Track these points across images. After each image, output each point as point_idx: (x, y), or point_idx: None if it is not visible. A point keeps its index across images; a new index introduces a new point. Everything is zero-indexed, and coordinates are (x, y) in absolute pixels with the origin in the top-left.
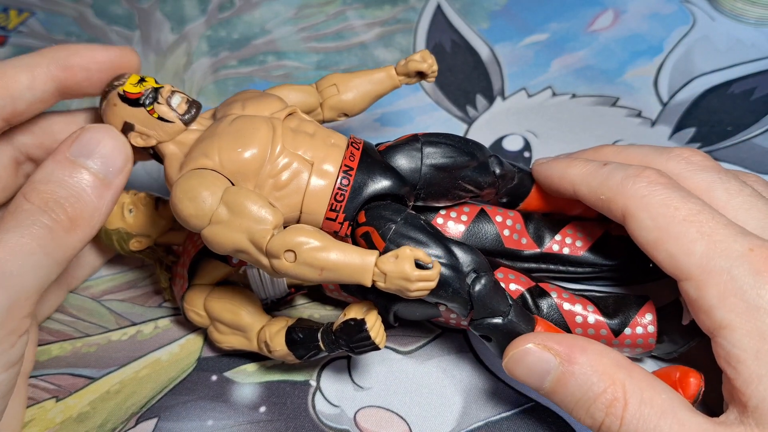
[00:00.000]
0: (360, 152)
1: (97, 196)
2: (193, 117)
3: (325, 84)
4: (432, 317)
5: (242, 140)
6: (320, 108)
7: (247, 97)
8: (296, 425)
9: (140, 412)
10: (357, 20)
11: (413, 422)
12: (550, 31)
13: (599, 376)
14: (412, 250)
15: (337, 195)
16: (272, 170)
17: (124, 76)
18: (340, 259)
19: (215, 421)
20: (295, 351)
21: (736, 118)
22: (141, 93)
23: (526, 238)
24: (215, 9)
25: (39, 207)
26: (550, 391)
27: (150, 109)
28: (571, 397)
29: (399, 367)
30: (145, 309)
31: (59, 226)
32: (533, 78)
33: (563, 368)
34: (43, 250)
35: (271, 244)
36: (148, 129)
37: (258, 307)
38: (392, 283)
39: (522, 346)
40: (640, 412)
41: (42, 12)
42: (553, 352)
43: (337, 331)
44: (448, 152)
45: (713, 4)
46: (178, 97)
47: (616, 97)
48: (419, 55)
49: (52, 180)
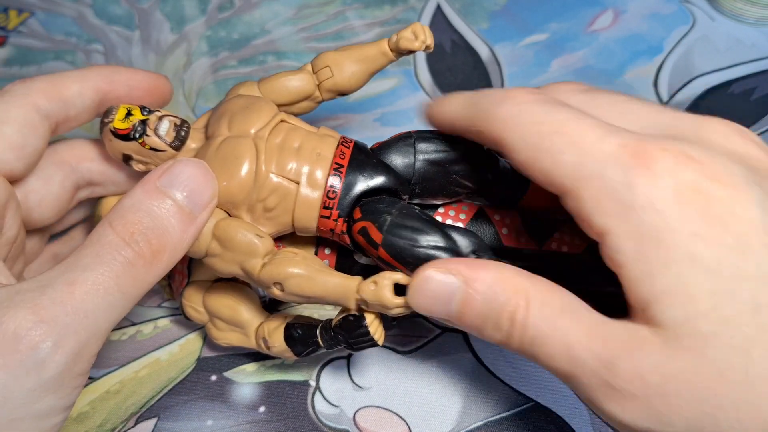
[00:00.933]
0: (351, 150)
1: (182, 229)
2: (182, 141)
3: (319, 65)
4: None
5: (227, 172)
6: (317, 90)
7: (234, 111)
8: (296, 425)
9: (140, 412)
10: (357, 20)
11: (413, 422)
12: (550, 31)
13: (502, 287)
14: (391, 275)
15: (329, 193)
16: (259, 195)
17: (111, 112)
18: (324, 288)
19: (215, 421)
20: (294, 347)
21: (737, 118)
22: (129, 128)
23: (524, 236)
24: (215, 9)
25: (123, 239)
26: (458, 316)
27: (141, 142)
28: (479, 314)
29: (398, 367)
30: (144, 309)
31: (141, 260)
32: (533, 78)
33: (466, 287)
34: (121, 289)
35: (260, 275)
36: (145, 158)
37: (257, 304)
38: (373, 308)
39: (422, 273)
40: (541, 313)
41: (42, 12)
42: (454, 272)
43: (336, 327)
44: (442, 146)
45: (713, 4)
46: (165, 124)
47: None
48: (410, 30)
49: (141, 209)
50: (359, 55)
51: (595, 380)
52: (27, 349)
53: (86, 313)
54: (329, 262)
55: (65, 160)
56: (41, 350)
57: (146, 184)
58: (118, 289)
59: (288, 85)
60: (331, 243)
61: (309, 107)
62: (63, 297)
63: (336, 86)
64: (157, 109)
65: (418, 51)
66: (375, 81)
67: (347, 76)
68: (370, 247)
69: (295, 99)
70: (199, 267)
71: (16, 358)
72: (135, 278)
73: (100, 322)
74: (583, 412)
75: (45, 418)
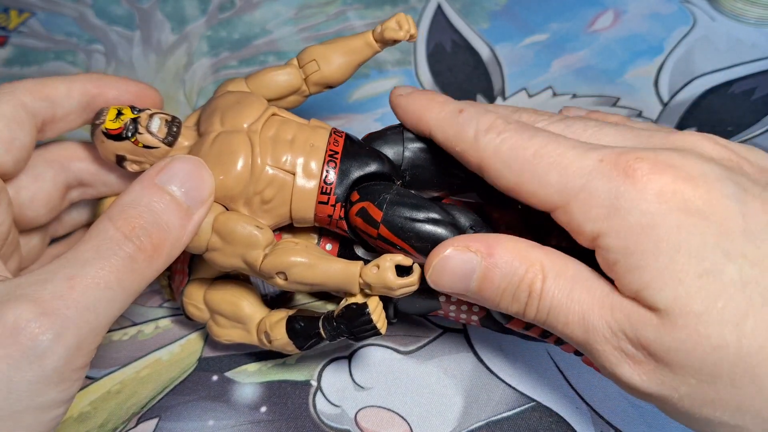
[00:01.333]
0: (343, 139)
1: (181, 225)
2: (175, 137)
3: (305, 59)
4: (432, 309)
5: (223, 167)
6: (304, 84)
7: (225, 107)
8: (297, 425)
9: (141, 412)
10: (357, 20)
11: (414, 422)
12: (551, 32)
13: (520, 261)
14: (392, 257)
15: (326, 179)
16: (256, 188)
17: (102, 113)
18: (327, 274)
19: (216, 421)
20: (296, 340)
21: (737, 118)
22: (121, 128)
23: (524, 234)
24: (215, 9)
25: (124, 234)
26: (477, 290)
27: (134, 140)
28: (498, 288)
29: (400, 367)
30: (145, 309)
31: (142, 255)
32: (534, 78)
33: (486, 262)
34: (121, 284)
35: (263, 266)
36: (139, 157)
37: (258, 300)
38: (377, 291)
39: (442, 254)
40: (556, 284)
41: (42, 12)
42: (473, 249)
43: (338, 317)
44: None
45: (713, 4)
46: (156, 121)
47: (617, 98)
48: (394, 21)
49: (141, 204)
50: (345, 48)
51: (608, 346)
52: (28, 340)
53: (87, 306)
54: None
55: (56, 159)
56: (42, 342)
57: (144, 180)
58: (119, 284)
59: (276, 80)
60: (332, 236)
61: (297, 101)
62: (63, 291)
63: (323, 79)
64: (147, 108)
65: (402, 41)
66: (375, 81)
67: (334, 68)
68: (370, 227)
69: (283, 93)
70: (200, 265)
71: (18, 349)
72: (135, 273)
73: (101, 317)
74: (584, 412)
75: (46, 410)
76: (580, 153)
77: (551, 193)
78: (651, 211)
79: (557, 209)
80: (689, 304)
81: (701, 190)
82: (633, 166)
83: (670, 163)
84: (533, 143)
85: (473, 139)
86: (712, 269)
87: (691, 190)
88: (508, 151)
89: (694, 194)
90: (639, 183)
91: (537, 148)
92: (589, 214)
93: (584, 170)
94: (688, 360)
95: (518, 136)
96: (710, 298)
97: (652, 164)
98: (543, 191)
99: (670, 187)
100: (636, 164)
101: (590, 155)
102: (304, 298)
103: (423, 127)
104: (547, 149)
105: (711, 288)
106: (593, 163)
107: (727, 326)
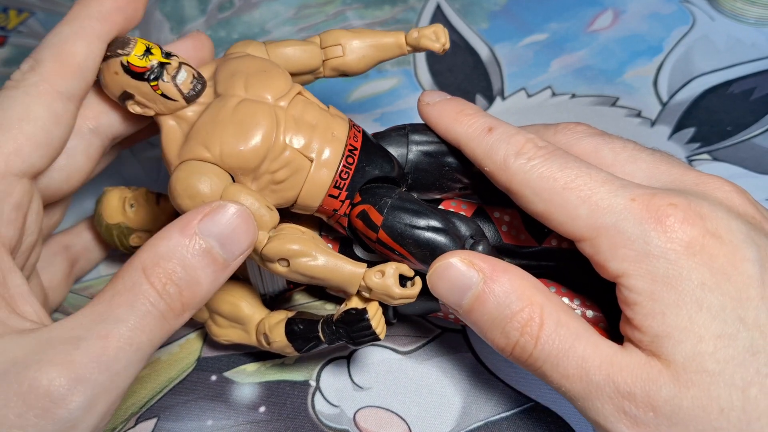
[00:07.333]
0: (362, 135)
1: (213, 279)
2: (197, 95)
3: (329, 41)
4: (431, 311)
5: (244, 136)
6: (322, 67)
7: (250, 72)
8: (296, 425)
9: (140, 412)
10: (357, 20)
11: (413, 422)
12: (550, 31)
13: (518, 296)
14: (397, 266)
15: (342, 173)
16: (270, 167)
17: (129, 44)
18: (330, 270)
19: (215, 421)
20: (295, 342)
21: (736, 118)
22: (147, 68)
23: (524, 234)
24: (215, 9)
25: (157, 291)
26: (467, 310)
27: (154, 85)
28: (488, 315)
29: (399, 368)
30: None
31: (171, 313)
32: (533, 78)
33: (484, 285)
34: (151, 343)
35: (266, 249)
36: (149, 101)
37: (257, 300)
38: (376, 296)
39: (447, 260)
40: (556, 333)
41: (42, 12)
42: (476, 268)
43: (337, 321)
44: (434, 138)
45: (713, 4)
46: (184, 73)
47: (616, 97)
48: (432, 30)
49: (176, 257)
50: (374, 41)
51: (609, 405)
52: (59, 409)
53: (118, 371)
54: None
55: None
56: (74, 412)
57: (186, 227)
58: (149, 344)
59: (297, 55)
60: (332, 235)
61: (307, 81)
62: (97, 352)
63: (343, 66)
64: (176, 55)
65: (435, 52)
66: (374, 81)
67: (358, 58)
68: (370, 231)
69: (300, 70)
70: None
71: (50, 420)
72: (164, 330)
73: (129, 379)
74: None
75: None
76: (611, 190)
77: (580, 226)
78: (679, 263)
79: (584, 241)
80: (705, 362)
81: (726, 248)
82: (666, 212)
83: (701, 213)
84: (563, 175)
85: (502, 162)
86: (729, 332)
87: (717, 247)
88: (537, 180)
89: (720, 252)
90: (670, 231)
91: (567, 180)
92: (616, 252)
93: (615, 208)
94: (696, 422)
95: (548, 165)
96: (725, 361)
97: (684, 213)
98: (572, 223)
99: (699, 241)
100: (669, 210)
101: (623, 193)
102: (303, 298)
103: (451, 139)
104: (577, 182)
105: (726, 351)
106: (625, 202)
107: (735, 391)
